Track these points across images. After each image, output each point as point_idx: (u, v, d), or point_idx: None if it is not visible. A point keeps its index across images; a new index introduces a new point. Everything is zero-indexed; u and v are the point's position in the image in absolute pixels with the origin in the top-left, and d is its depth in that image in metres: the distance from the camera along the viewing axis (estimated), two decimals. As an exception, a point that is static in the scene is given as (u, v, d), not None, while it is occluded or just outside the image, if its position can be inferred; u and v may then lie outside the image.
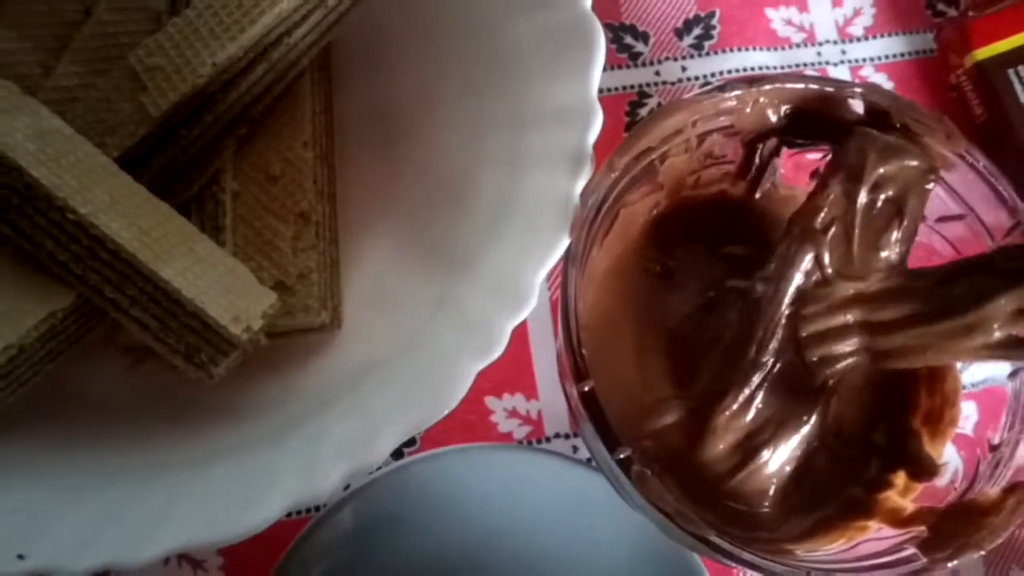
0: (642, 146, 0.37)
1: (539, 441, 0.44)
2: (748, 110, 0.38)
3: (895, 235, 0.37)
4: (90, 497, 0.32)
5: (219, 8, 0.37)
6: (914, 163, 0.36)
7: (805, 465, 0.38)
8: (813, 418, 0.38)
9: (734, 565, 0.33)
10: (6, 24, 0.39)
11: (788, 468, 0.38)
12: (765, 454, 0.37)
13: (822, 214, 0.36)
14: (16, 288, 0.34)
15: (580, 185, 0.33)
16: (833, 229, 0.37)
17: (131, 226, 0.34)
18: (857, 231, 0.37)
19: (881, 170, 0.36)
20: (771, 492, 0.38)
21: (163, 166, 0.38)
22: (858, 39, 0.52)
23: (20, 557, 0.29)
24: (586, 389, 0.33)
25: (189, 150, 0.38)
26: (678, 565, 0.39)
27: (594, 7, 0.35)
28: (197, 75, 0.36)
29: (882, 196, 0.36)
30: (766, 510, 0.37)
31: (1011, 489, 0.34)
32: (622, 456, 0.33)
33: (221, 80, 0.37)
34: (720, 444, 0.38)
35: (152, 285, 0.34)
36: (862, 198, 0.36)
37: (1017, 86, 0.48)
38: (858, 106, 0.37)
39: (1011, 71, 0.48)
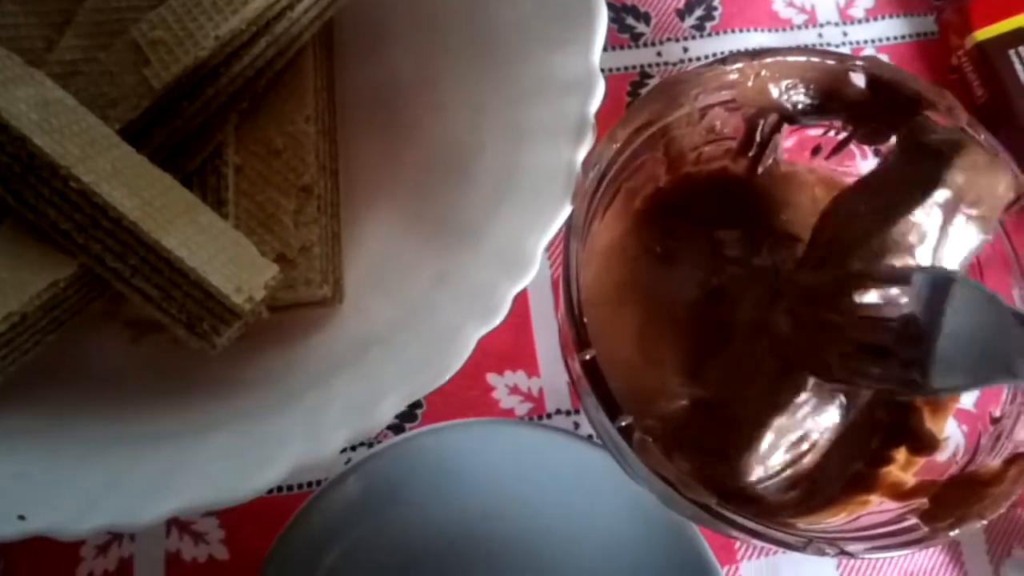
0: (643, 119, 0.37)
1: (540, 418, 0.44)
2: (750, 83, 0.38)
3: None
4: (94, 462, 0.32)
5: (222, -19, 0.37)
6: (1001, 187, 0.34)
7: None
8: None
9: (737, 534, 0.33)
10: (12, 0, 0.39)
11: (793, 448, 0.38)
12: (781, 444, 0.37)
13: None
14: (19, 257, 0.34)
15: (582, 154, 0.33)
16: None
17: (133, 196, 0.34)
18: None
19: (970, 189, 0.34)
20: (774, 471, 0.38)
21: (166, 139, 0.38)
22: (859, 21, 0.52)
23: (21, 518, 0.29)
24: (588, 358, 0.33)
25: (191, 123, 0.38)
26: (679, 540, 0.39)
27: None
28: (200, 48, 0.36)
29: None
30: (768, 487, 0.37)
31: (1012, 460, 0.34)
32: (623, 424, 0.33)
33: (224, 53, 0.37)
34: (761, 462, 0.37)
35: (154, 254, 0.34)
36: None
37: (1018, 67, 0.48)
38: (860, 79, 0.37)
39: (1011, 52, 0.48)
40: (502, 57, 0.38)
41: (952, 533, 0.33)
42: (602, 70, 0.44)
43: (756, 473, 0.37)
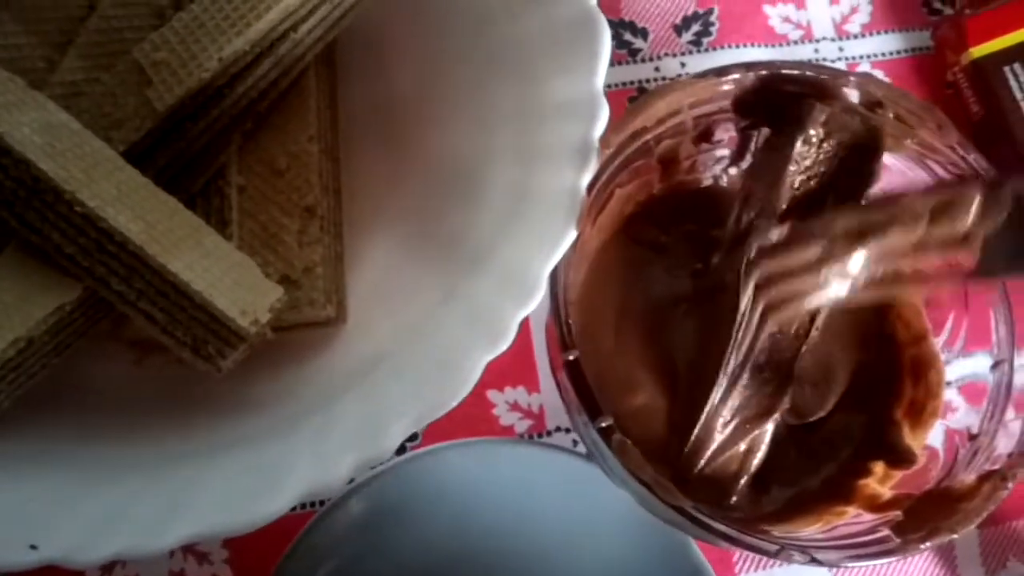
0: (637, 125, 0.37)
1: (540, 435, 0.44)
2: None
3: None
4: (102, 488, 0.32)
5: (225, 3, 0.37)
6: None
7: (782, 449, 0.39)
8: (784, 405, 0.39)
9: (712, 539, 0.33)
10: (13, 19, 0.39)
11: (762, 451, 0.39)
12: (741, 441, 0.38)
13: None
14: (24, 281, 0.34)
15: (587, 178, 0.34)
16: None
17: (138, 219, 0.34)
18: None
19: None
20: (746, 475, 0.39)
21: (169, 160, 0.38)
22: (855, 36, 0.52)
23: (33, 547, 0.29)
24: (570, 358, 0.34)
25: (195, 144, 0.38)
26: (678, 555, 0.39)
27: (599, 2, 0.35)
28: (203, 70, 0.36)
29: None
30: (741, 492, 0.38)
31: (986, 476, 0.35)
32: (603, 425, 0.33)
33: (227, 75, 0.37)
34: (708, 451, 0.38)
35: (160, 278, 0.34)
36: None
37: (1013, 83, 0.48)
38: (853, 95, 0.38)
39: (1007, 68, 0.49)
40: (507, 79, 0.38)
41: (923, 546, 0.33)
42: (601, 86, 0.44)
43: (706, 453, 0.38)
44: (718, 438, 0.39)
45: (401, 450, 0.42)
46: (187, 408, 0.37)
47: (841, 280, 0.35)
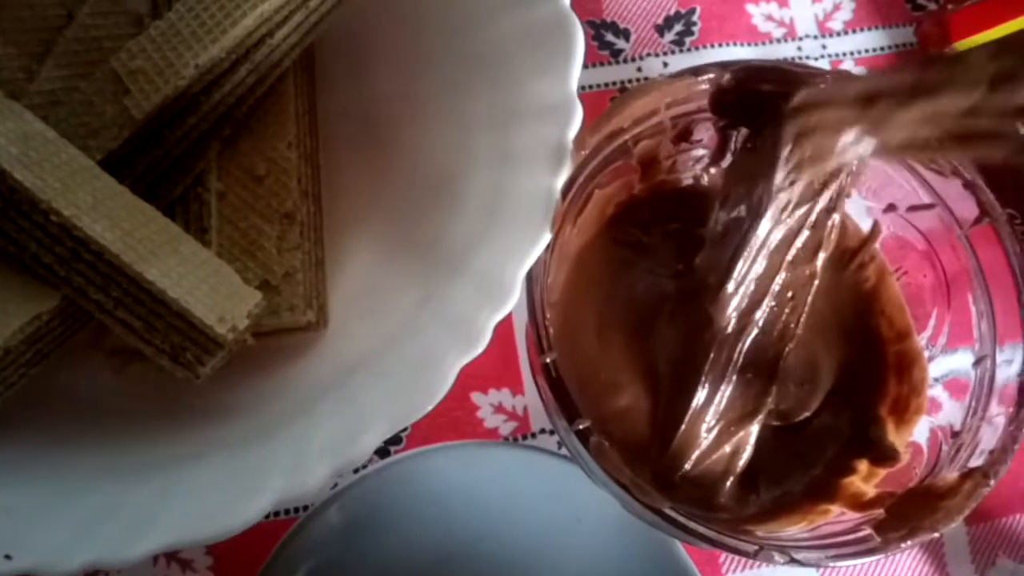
0: (613, 126, 0.37)
1: (525, 436, 0.44)
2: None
3: None
4: (80, 497, 0.32)
5: (201, 10, 0.37)
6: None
7: (767, 449, 0.39)
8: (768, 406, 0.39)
9: (691, 540, 0.33)
10: (-10, 29, 0.39)
11: (748, 452, 0.39)
12: (726, 444, 0.38)
13: None
14: (1, 291, 0.34)
15: (561, 180, 0.34)
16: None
17: (115, 227, 0.34)
18: None
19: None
20: (732, 476, 0.39)
21: (147, 168, 0.38)
22: (838, 34, 0.52)
23: (7, 557, 0.29)
24: (548, 361, 0.34)
25: (173, 152, 0.38)
26: (663, 555, 0.39)
27: (573, 4, 0.35)
28: (179, 77, 0.36)
29: None
30: (726, 493, 0.38)
31: (968, 474, 0.35)
32: (581, 427, 0.33)
33: (204, 82, 0.37)
34: (692, 452, 0.38)
35: (136, 286, 0.34)
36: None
37: (996, 78, 0.48)
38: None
39: (990, 63, 0.48)
40: (484, 83, 0.38)
41: (903, 545, 0.33)
42: (583, 87, 0.44)
43: (691, 454, 0.38)
44: (703, 440, 0.39)
45: (385, 453, 0.42)
46: (167, 415, 0.37)
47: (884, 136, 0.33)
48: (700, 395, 0.38)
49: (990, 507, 0.45)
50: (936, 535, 0.33)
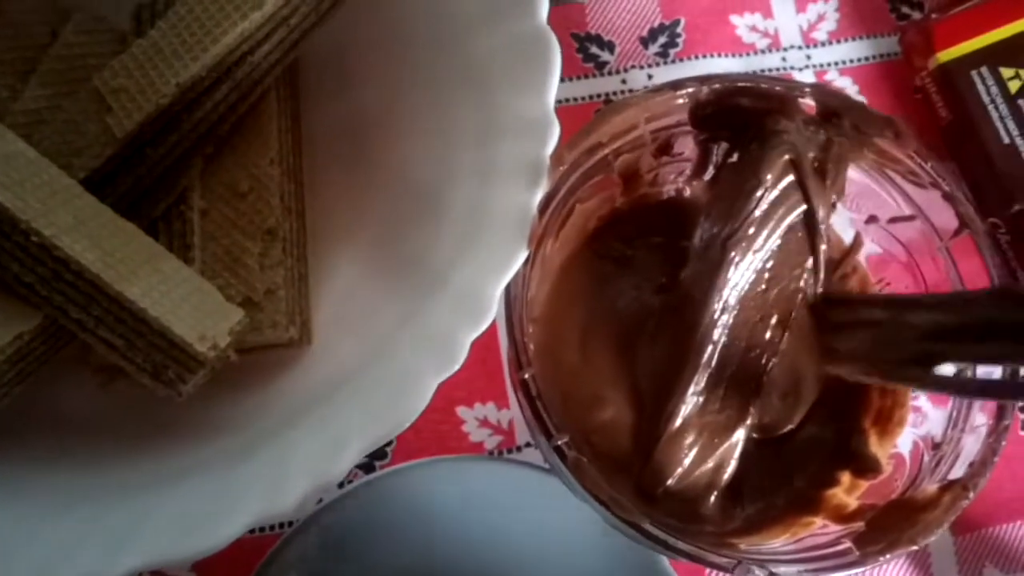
0: (592, 141, 0.38)
1: (511, 450, 0.44)
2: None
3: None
4: (62, 516, 0.33)
5: (182, 29, 0.37)
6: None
7: (751, 463, 0.39)
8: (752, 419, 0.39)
9: (670, 555, 0.34)
10: (-27, 50, 0.39)
11: (732, 466, 0.39)
12: (709, 458, 0.38)
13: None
14: (-17, 311, 0.35)
15: (538, 197, 0.34)
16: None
17: (96, 247, 0.34)
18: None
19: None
20: (716, 490, 0.39)
21: (130, 186, 0.38)
22: (822, 44, 0.52)
23: (-11, 576, 0.30)
24: (525, 376, 0.34)
25: (155, 169, 0.39)
26: (648, 568, 0.39)
27: (550, 20, 0.35)
28: (161, 95, 0.37)
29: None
30: (711, 506, 0.38)
31: (947, 487, 0.35)
32: (559, 443, 0.33)
33: (186, 100, 0.38)
34: (675, 466, 0.38)
35: (118, 305, 0.34)
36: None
37: (980, 87, 0.48)
38: (809, 105, 0.38)
39: (974, 72, 0.49)
40: (464, 97, 0.38)
41: (883, 558, 0.33)
42: (567, 99, 0.44)
43: (674, 470, 0.38)
44: (685, 454, 0.39)
45: (370, 469, 0.42)
46: (151, 432, 0.37)
47: None
48: (682, 409, 0.38)
49: (977, 517, 0.45)
50: (915, 548, 0.33)
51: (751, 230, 0.37)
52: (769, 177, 0.37)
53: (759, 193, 0.37)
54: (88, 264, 0.34)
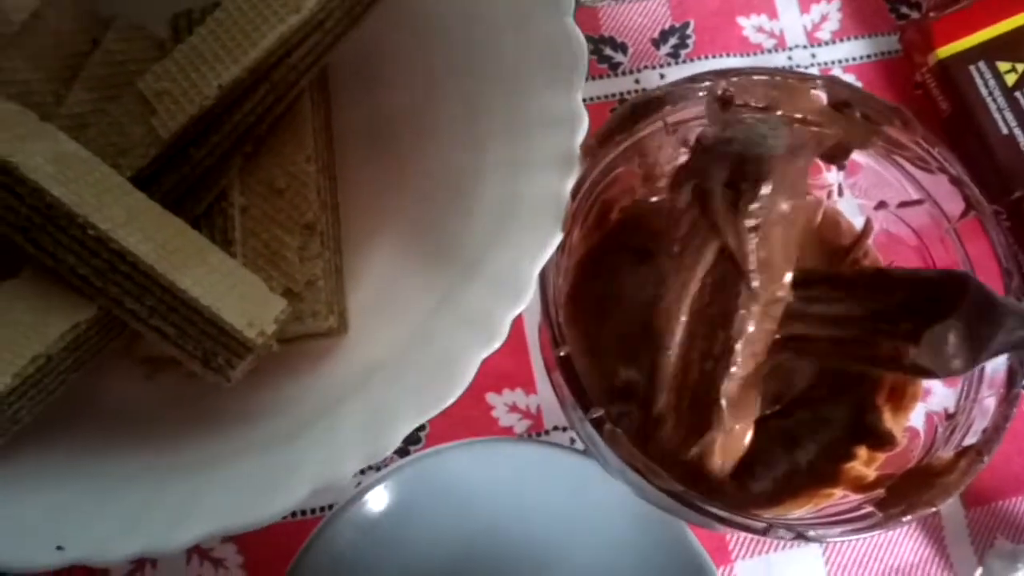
0: (617, 133, 0.39)
1: (539, 434, 0.46)
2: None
3: None
4: (121, 494, 0.34)
5: (222, 33, 0.39)
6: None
7: (770, 439, 0.40)
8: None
9: (704, 520, 0.35)
10: (21, 56, 0.41)
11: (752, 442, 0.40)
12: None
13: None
14: (42, 302, 0.36)
15: (570, 184, 0.36)
16: None
17: (147, 240, 0.36)
18: None
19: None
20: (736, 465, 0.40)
21: (174, 184, 0.40)
22: (826, 43, 0.55)
23: (60, 548, 0.31)
24: (562, 354, 0.35)
25: (198, 168, 0.40)
26: (675, 542, 0.41)
27: (576, 20, 0.37)
28: (204, 97, 0.38)
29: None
30: (734, 482, 0.40)
31: (962, 452, 0.36)
32: (595, 416, 0.35)
33: (226, 101, 0.39)
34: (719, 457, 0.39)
35: (170, 295, 0.36)
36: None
37: (978, 81, 0.50)
38: (821, 96, 0.40)
39: (972, 67, 0.51)
40: (494, 94, 0.40)
41: (904, 519, 0.35)
42: (583, 99, 0.46)
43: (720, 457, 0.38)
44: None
45: (404, 453, 0.44)
46: (197, 420, 0.39)
47: None
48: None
49: (988, 491, 0.47)
50: (934, 509, 0.35)
51: (676, 248, 0.39)
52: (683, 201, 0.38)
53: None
54: (143, 256, 0.35)
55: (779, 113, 0.41)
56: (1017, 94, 0.50)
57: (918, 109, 0.52)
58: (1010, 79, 0.50)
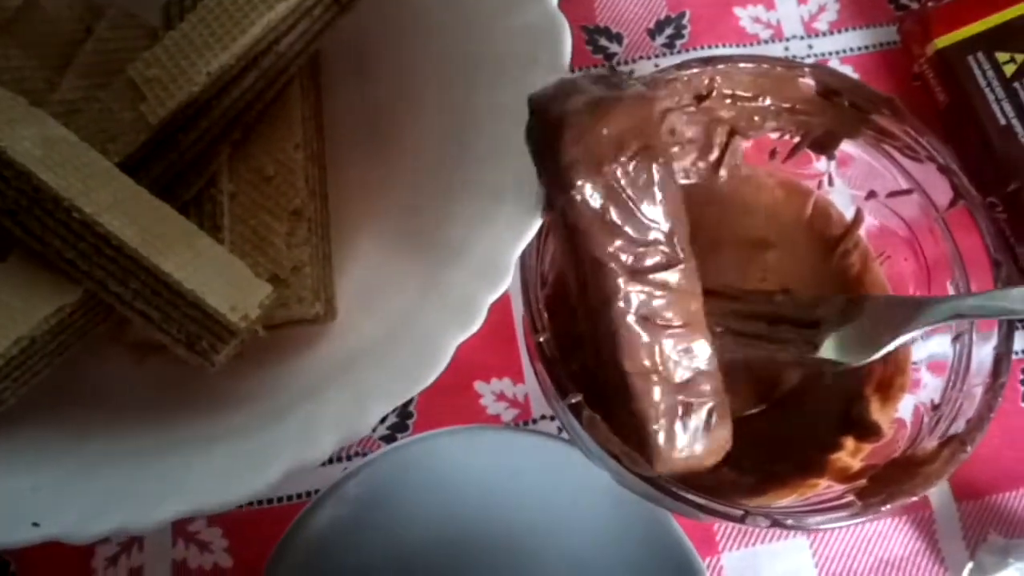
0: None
1: (526, 422, 0.46)
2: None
3: None
4: (102, 473, 0.35)
5: (212, 20, 0.39)
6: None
7: (757, 430, 0.40)
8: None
9: (682, 508, 0.35)
10: (15, 43, 0.41)
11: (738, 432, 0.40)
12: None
13: None
14: (27, 285, 0.37)
15: (551, 170, 0.36)
16: None
17: (133, 224, 0.36)
18: None
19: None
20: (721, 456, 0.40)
21: (163, 170, 0.40)
22: (823, 34, 0.54)
23: (35, 525, 0.31)
24: (540, 340, 0.35)
25: (187, 155, 0.41)
26: (660, 533, 0.41)
27: (561, 6, 0.37)
28: (192, 84, 0.39)
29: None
30: (719, 474, 0.39)
31: (946, 442, 0.36)
32: (573, 401, 0.35)
33: (215, 88, 0.40)
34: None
35: (154, 278, 0.36)
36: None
37: (976, 71, 0.50)
38: (809, 84, 0.39)
39: (970, 57, 0.50)
40: (479, 81, 0.40)
41: (884, 508, 0.35)
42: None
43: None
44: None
45: (391, 440, 0.44)
46: (182, 404, 0.39)
47: None
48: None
49: (979, 485, 0.46)
50: (914, 499, 0.34)
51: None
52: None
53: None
54: (127, 240, 0.36)
55: (767, 102, 0.41)
56: (1015, 85, 0.49)
57: (916, 101, 0.52)
58: (1008, 70, 0.49)
